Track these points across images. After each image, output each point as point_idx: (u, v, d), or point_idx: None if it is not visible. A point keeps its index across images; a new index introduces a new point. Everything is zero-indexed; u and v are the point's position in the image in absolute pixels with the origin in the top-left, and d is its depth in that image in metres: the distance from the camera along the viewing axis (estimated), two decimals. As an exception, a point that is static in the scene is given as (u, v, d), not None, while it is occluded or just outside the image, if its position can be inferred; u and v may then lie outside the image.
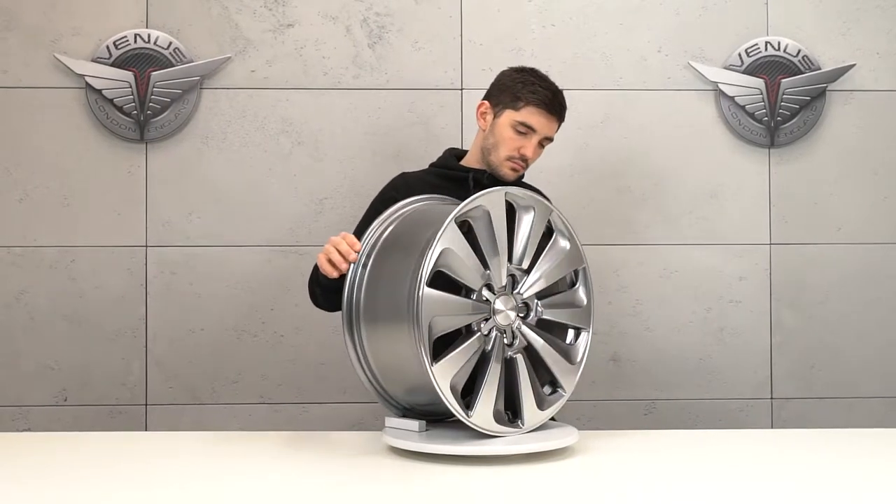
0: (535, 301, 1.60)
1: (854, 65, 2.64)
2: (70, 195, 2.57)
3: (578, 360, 1.66)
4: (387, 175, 2.14)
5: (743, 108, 2.61)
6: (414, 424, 1.62)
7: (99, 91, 2.54)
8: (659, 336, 2.63)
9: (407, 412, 1.68)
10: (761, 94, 2.61)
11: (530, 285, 1.57)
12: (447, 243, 1.48)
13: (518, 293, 1.57)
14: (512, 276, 1.58)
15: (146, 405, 2.57)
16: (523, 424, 1.56)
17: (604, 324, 2.61)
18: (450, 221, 1.47)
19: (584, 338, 1.68)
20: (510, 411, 1.61)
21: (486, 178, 1.92)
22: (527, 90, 1.89)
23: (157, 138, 2.57)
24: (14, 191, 2.56)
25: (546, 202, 1.63)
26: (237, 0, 2.60)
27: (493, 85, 1.98)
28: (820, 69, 2.63)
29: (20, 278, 2.56)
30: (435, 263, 1.46)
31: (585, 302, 1.67)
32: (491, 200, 1.55)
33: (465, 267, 1.51)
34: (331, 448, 1.67)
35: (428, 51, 2.61)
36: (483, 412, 1.53)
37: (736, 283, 2.64)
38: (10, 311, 2.56)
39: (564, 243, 1.64)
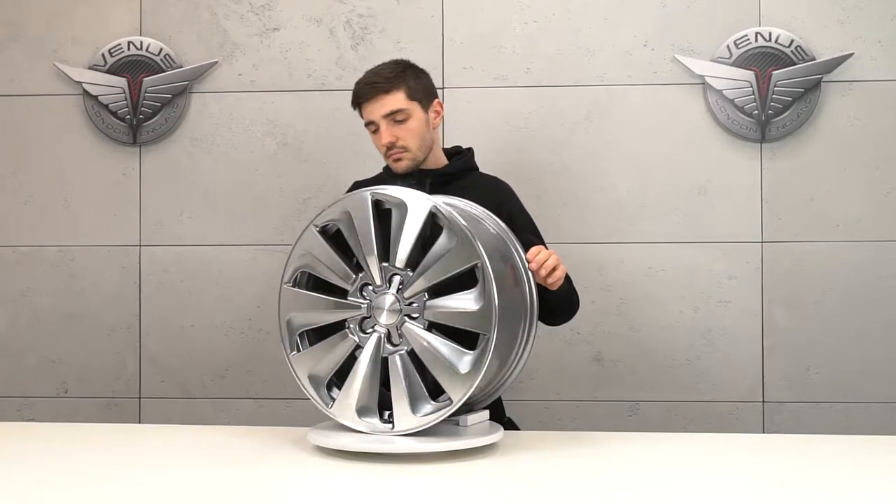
0: (424, 301, 1.55)
1: (852, 54, 2.52)
2: (70, 197, 2.69)
3: (469, 370, 1.49)
4: (369, 175, 2.17)
5: (732, 101, 2.53)
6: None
7: (95, 97, 2.66)
8: (644, 336, 2.57)
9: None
10: (751, 87, 2.52)
11: (409, 285, 1.54)
12: (305, 246, 1.61)
13: (400, 293, 1.56)
14: (401, 276, 1.57)
15: (140, 398, 2.67)
16: (394, 426, 1.54)
17: (587, 323, 2.57)
18: (307, 228, 1.62)
19: (484, 344, 1.49)
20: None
21: (413, 177, 1.95)
22: (352, 98, 1.97)
23: (149, 141, 2.67)
24: (20, 193, 2.71)
25: (423, 197, 1.55)
26: (225, 6, 2.67)
27: None
28: (814, 59, 2.52)
29: (25, 276, 2.70)
30: (301, 265, 1.62)
31: (483, 303, 1.50)
32: (355, 202, 1.59)
33: (327, 268, 1.59)
34: (256, 442, 1.72)
35: (410, 51, 2.62)
36: (344, 405, 1.57)
37: (725, 281, 2.56)
38: (15, 308, 2.70)
39: (450, 239, 1.54)
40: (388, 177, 2.03)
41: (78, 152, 2.69)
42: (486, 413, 1.70)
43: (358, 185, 2.06)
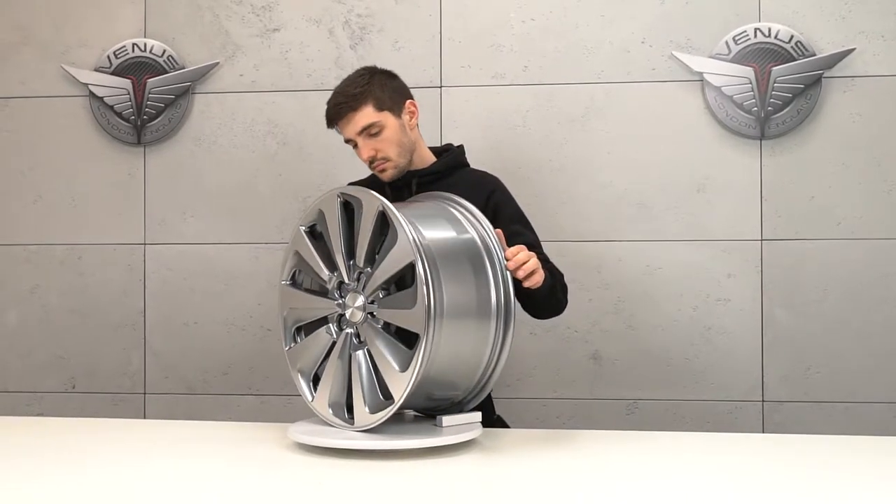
0: (380, 299, 1.56)
1: (853, 49, 2.48)
2: (77, 196, 2.75)
3: (406, 369, 1.48)
4: (367, 174, 2.19)
5: (730, 98, 2.51)
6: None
7: (101, 98, 2.71)
8: (642, 335, 2.57)
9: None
10: (750, 83, 2.50)
11: (367, 283, 1.56)
12: (294, 246, 1.66)
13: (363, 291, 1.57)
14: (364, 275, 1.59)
15: (145, 394, 2.72)
16: (354, 422, 1.56)
17: (584, 321, 2.57)
18: (296, 229, 1.65)
19: (420, 344, 1.47)
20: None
21: (400, 179, 1.97)
22: (326, 121, 1.98)
23: (152, 141, 2.72)
24: (29, 192, 2.77)
25: (374, 196, 1.56)
26: (227, 7, 2.71)
27: None
28: (815, 55, 2.49)
29: (34, 274, 2.76)
30: (293, 264, 1.67)
31: (416, 303, 1.47)
32: (326, 202, 1.62)
33: (309, 266, 1.63)
34: (237, 438, 1.75)
35: (408, 50, 2.64)
36: (321, 400, 1.61)
37: (724, 280, 2.54)
38: (25, 305, 2.76)
39: (394, 237, 1.54)
40: (375, 182, 2.05)
41: (84, 153, 2.75)
42: (476, 415, 1.67)
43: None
